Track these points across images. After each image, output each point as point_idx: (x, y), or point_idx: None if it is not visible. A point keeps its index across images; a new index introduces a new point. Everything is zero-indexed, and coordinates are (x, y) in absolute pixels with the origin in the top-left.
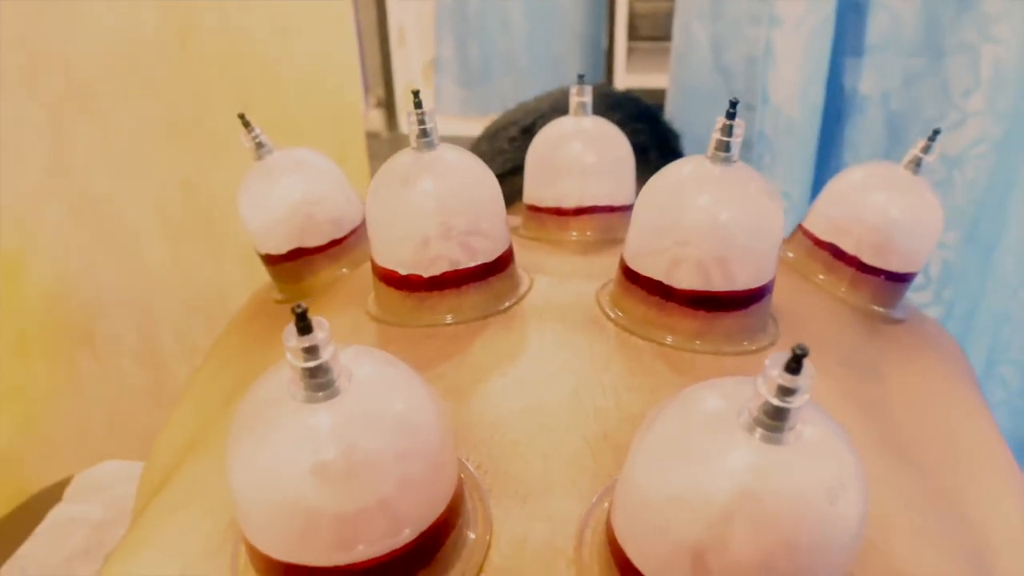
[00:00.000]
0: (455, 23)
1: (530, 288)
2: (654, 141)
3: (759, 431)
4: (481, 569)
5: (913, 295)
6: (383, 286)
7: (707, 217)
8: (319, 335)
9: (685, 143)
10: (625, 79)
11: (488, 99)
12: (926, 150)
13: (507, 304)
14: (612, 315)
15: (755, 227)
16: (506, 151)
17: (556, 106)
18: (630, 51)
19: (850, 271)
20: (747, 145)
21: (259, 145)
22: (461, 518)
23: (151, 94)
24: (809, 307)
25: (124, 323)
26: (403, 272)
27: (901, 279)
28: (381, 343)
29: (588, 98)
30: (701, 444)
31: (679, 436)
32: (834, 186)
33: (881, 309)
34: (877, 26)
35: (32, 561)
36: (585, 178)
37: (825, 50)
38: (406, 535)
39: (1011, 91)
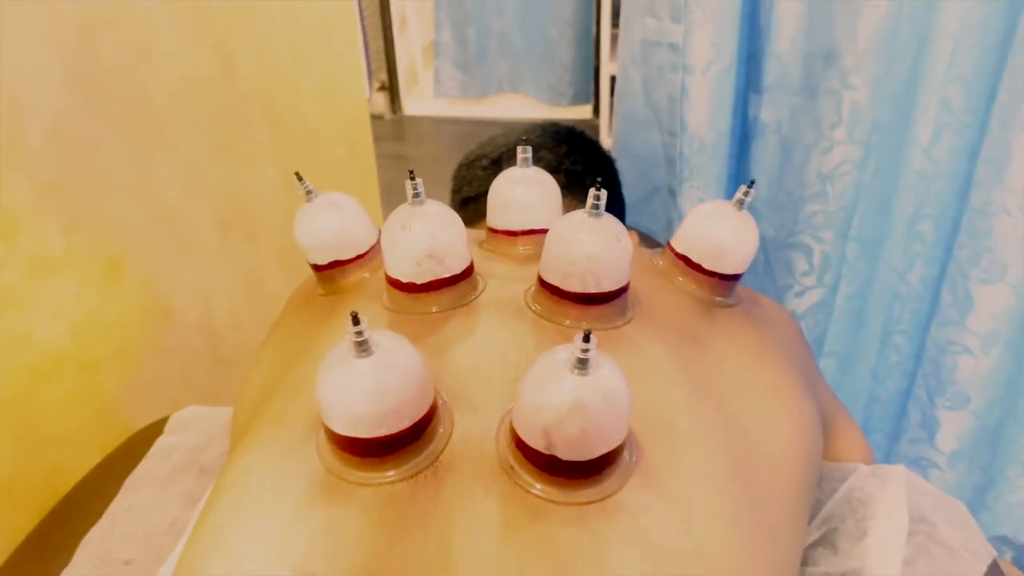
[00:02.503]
0: (453, 9)
1: (484, 289)
2: (589, 169)
3: (576, 370)
4: (446, 444)
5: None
6: (391, 288)
7: (584, 248)
8: (363, 325)
9: (625, 159)
10: (610, 67)
11: (485, 82)
12: (746, 194)
13: (469, 300)
14: (532, 307)
15: (612, 254)
16: (479, 177)
17: (517, 142)
18: (615, 38)
19: (696, 274)
20: (671, 162)
21: (308, 192)
22: (435, 419)
23: (204, 121)
24: (663, 299)
25: (191, 303)
26: (404, 280)
27: (730, 279)
28: (391, 324)
29: (530, 155)
30: (549, 377)
31: (540, 373)
32: (689, 216)
33: (719, 299)
34: (771, 71)
35: (147, 475)
36: (526, 211)
37: (729, 90)
38: (405, 424)
39: (865, 125)
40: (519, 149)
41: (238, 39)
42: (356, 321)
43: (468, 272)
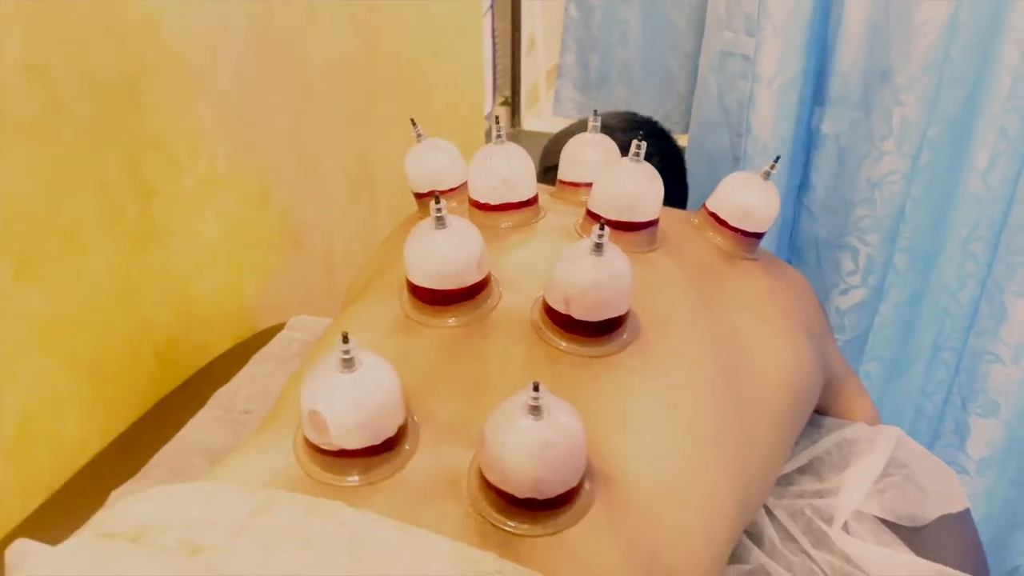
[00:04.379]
0: (580, 34)
1: (543, 216)
2: (658, 151)
3: (594, 253)
4: (494, 309)
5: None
6: (472, 209)
7: (625, 185)
8: (442, 204)
9: (698, 153)
10: None
11: (602, 106)
12: (772, 167)
13: (531, 222)
14: (579, 232)
15: (647, 190)
16: (560, 151)
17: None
18: None
19: (723, 229)
20: (736, 160)
21: (419, 136)
22: (488, 288)
23: (346, 90)
24: (693, 245)
25: (316, 237)
26: (482, 201)
27: (753, 236)
28: None
29: (599, 123)
30: (574, 257)
31: (568, 255)
32: (723, 182)
33: (742, 252)
34: (834, 87)
35: (269, 355)
36: (590, 167)
37: (792, 100)
38: (464, 284)
39: (914, 139)
40: (590, 118)
41: (383, 27)
42: (437, 200)
43: (533, 201)
